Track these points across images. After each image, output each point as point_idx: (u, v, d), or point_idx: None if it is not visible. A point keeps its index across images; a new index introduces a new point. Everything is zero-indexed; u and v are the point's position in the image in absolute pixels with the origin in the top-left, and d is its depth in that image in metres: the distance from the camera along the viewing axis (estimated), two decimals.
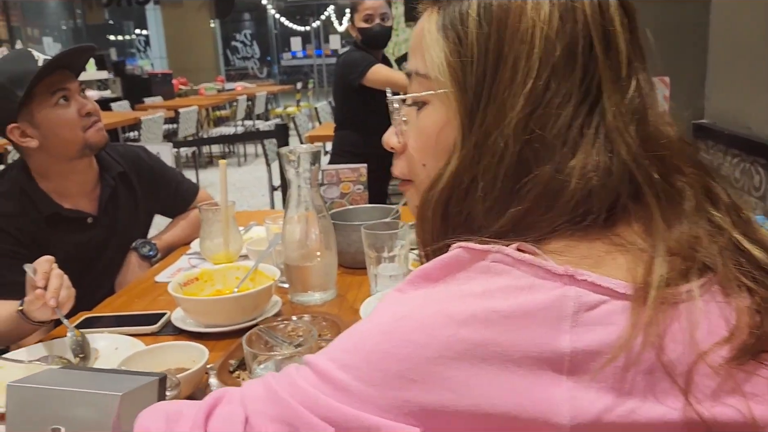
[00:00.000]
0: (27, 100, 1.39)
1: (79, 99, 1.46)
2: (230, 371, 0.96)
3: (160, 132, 6.01)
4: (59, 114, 1.42)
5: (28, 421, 0.62)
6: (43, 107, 1.41)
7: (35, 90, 1.39)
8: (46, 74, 1.39)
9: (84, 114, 1.45)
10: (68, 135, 1.44)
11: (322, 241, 1.26)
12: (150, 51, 14.50)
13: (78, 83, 1.48)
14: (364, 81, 2.73)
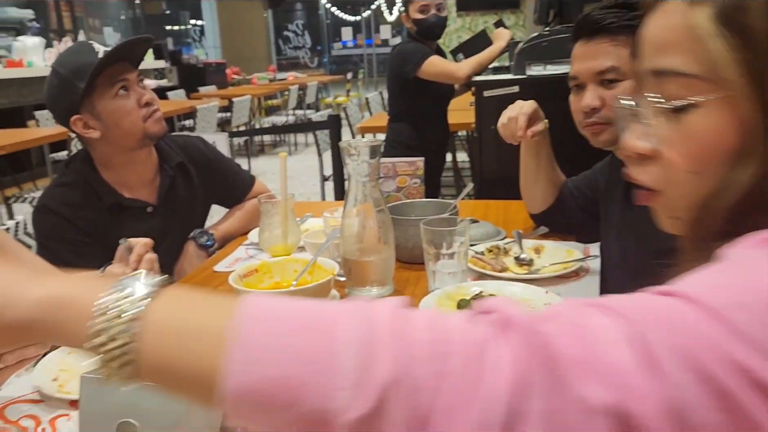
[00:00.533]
0: (88, 91, 1.42)
1: (137, 89, 1.48)
2: None
3: (215, 121, 6.13)
4: (119, 104, 1.45)
5: (100, 412, 0.63)
6: (104, 98, 1.44)
7: (96, 81, 1.42)
8: (107, 65, 1.42)
9: (143, 104, 1.48)
10: (128, 125, 1.47)
11: (381, 236, 1.25)
12: (205, 41, 14.78)
13: (137, 73, 1.50)
14: (419, 73, 2.71)
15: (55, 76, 1.45)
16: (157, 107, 1.52)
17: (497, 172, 2.18)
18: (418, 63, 2.71)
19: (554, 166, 1.55)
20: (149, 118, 1.49)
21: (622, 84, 1.21)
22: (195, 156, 1.69)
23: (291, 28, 15.26)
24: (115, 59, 1.44)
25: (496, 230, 1.57)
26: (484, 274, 1.31)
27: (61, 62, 1.46)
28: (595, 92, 1.24)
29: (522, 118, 1.40)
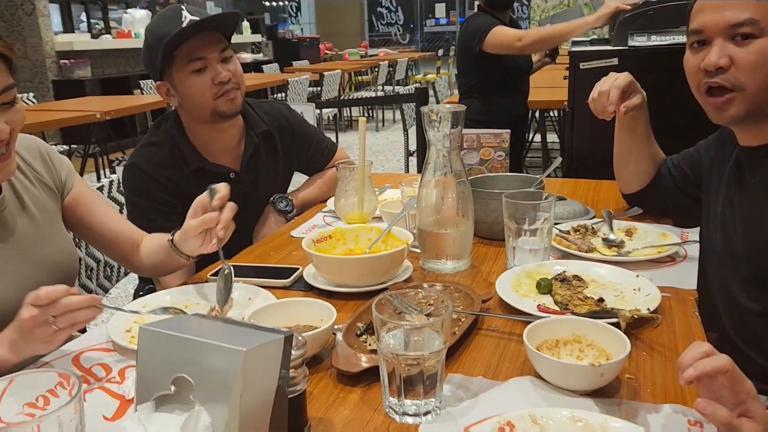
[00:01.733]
0: (167, 62, 1.42)
1: (216, 67, 1.44)
2: (357, 334, 0.92)
3: (305, 94, 6.21)
4: (193, 81, 1.43)
5: (157, 365, 0.62)
6: (180, 72, 1.43)
7: (174, 54, 1.41)
8: (182, 41, 1.39)
9: (217, 82, 1.44)
10: (199, 101, 1.45)
11: (460, 208, 1.19)
12: (300, 17, 15.00)
13: (220, 48, 1.45)
14: (484, 46, 2.59)
15: (145, 41, 1.47)
16: (233, 86, 1.47)
17: (590, 149, 2.04)
18: (483, 35, 2.58)
19: (652, 142, 1.42)
20: (221, 96, 1.45)
21: (757, 42, 1.02)
22: (280, 122, 1.68)
23: (384, 4, 15.17)
24: (198, 31, 1.41)
25: (584, 209, 1.47)
26: (569, 254, 1.22)
27: (150, 27, 1.47)
28: (723, 49, 1.05)
29: (614, 92, 1.28)
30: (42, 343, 0.84)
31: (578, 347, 0.84)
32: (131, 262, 1.28)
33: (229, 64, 1.48)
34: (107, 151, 4.89)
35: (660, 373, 0.82)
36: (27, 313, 0.82)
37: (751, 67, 1.03)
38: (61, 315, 0.82)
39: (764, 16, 1.02)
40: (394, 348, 0.74)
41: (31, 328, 0.82)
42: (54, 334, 0.83)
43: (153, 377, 0.62)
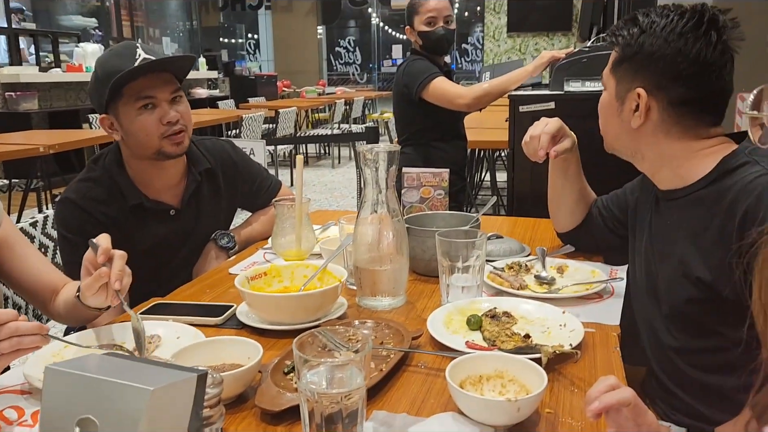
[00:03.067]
0: (114, 97, 1.41)
1: (164, 107, 1.44)
2: (284, 372, 0.92)
3: (260, 130, 6.21)
4: (140, 119, 1.42)
5: (62, 406, 0.60)
6: (127, 108, 1.42)
7: (123, 90, 1.41)
8: (133, 78, 1.39)
9: (165, 123, 1.44)
10: (144, 139, 1.44)
11: (395, 245, 1.20)
12: (259, 54, 15.08)
13: (171, 89, 1.46)
14: (425, 94, 2.45)
15: (94, 73, 1.46)
16: (180, 128, 1.46)
17: (530, 189, 2.10)
18: (424, 83, 2.43)
19: (583, 184, 1.48)
20: (167, 137, 1.45)
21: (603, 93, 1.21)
22: (223, 160, 1.68)
23: (343, 44, 15.41)
24: (149, 71, 1.41)
25: (520, 247, 1.50)
26: (501, 291, 1.25)
27: (101, 61, 1.46)
28: None
29: (544, 137, 1.34)
30: None
31: (501, 383, 0.85)
32: (49, 311, 1.24)
33: (178, 105, 1.47)
34: (51, 186, 4.77)
35: (578, 407, 0.84)
36: None
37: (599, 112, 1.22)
38: (7, 339, 0.80)
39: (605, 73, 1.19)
40: (315, 386, 0.74)
41: None
42: (2, 358, 0.80)
43: (58, 418, 0.60)
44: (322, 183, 6.97)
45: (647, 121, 1.13)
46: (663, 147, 1.15)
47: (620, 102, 1.15)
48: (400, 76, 2.57)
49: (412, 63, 2.54)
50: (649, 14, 1.15)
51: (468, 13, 14.00)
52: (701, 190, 1.13)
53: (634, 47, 1.12)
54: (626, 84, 1.14)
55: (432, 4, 2.49)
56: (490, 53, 12.57)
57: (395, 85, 2.62)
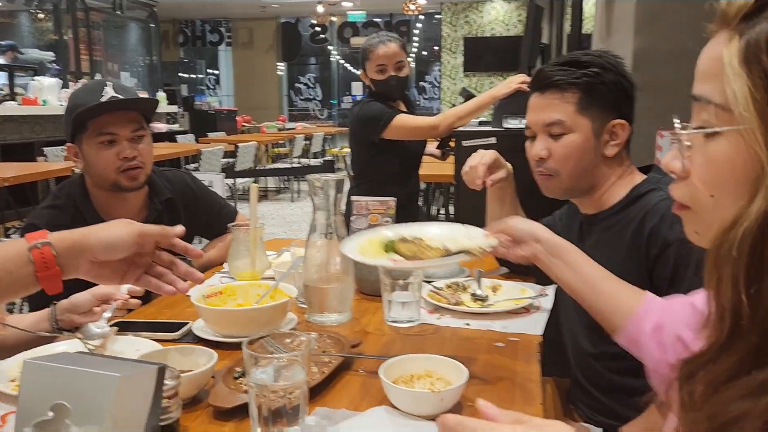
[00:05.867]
0: (79, 129, 1.52)
1: (123, 143, 1.55)
2: (234, 377, 1.01)
3: (219, 164, 6.28)
4: (100, 152, 1.55)
5: (38, 395, 0.69)
6: (89, 141, 1.54)
7: (87, 124, 1.52)
8: (97, 114, 1.51)
9: (122, 158, 1.55)
10: (102, 171, 1.56)
11: (341, 265, 1.31)
12: (219, 89, 15.19)
13: (133, 128, 1.57)
14: (386, 135, 2.44)
15: (67, 104, 1.57)
16: (137, 164, 1.57)
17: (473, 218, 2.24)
18: (384, 125, 2.42)
19: (518, 211, 1.63)
20: (123, 172, 1.56)
21: (567, 137, 1.28)
22: (183, 190, 1.78)
23: (303, 80, 15.66)
24: (113, 108, 1.52)
25: (460, 269, 1.63)
26: (440, 307, 1.37)
27: (74, 93, 1.59)
28: (543, 143, 1.31)
29: (481, 167, 1.48)
30: None
31: (430, 381, 0.96)
32: None
33: (139, 143, 1.58)
34: (4, 219, 4.72)
35: (498, 400, 0.95)
36: None
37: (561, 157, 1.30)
38: None
39: (569, 117, 1.27)
40: (262, 382, 0.84)
41: None
42: None
43: (33, 405, 0.69)
44: (280, 216, 7.05)
45: (618, 148, 1.28)
46: (612, 173, 1.30)
47: (597, 137, 1.27)
48: (356, 118, 2.55)
49: (366, 105, 2.53)
50: (589, 56, 1.31)
51: (426, 52, 14.45)
52: (617, 213, 1.29)
53: (603, 85, 1.25)
54: (602, 120, 1.26)
55: (381, 51, 2.47)
56: (447, 91, 13.00)
57: (350, 124, 2.63)
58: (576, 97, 1.26)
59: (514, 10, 12.32)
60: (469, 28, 12.65)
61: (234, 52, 14.71)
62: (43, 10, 9.31)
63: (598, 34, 2.59)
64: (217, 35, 14.80)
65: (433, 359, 0.98)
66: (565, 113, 1.27)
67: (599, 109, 1.26)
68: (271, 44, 14.48)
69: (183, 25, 14.76)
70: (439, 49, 13.05)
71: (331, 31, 14.57)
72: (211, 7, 13.11)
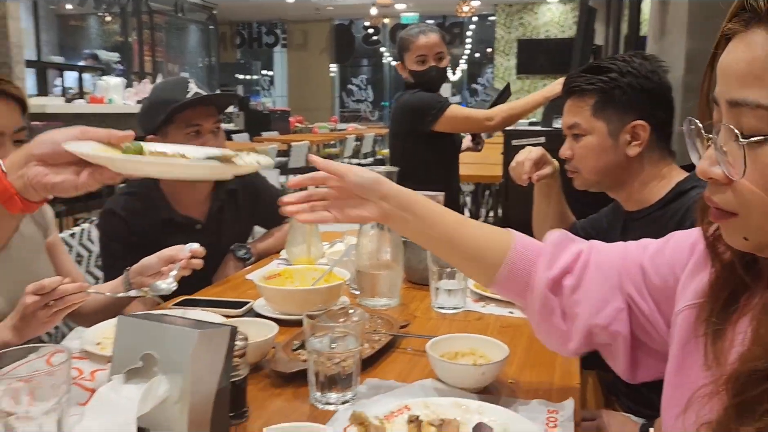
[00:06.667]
0: (167, 122, 1.65)
1: (207, 135, 1.69)
2: (293, 349, 1.10)
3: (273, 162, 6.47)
4: (186, 143, 1.66)
5: (130, 346, 0.80)
6: (176, 133, 1.67)
7: (175, 117, 1.65)
8: (186, 108, 1.64)
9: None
10: None
11: (391, 254, 1.40)
12: (273, 90, 15.54)
13: (214, 120, 1.71)
14: (439, 125, 2.40)
15: (148, 99, 1.70)
16: None
17: (522, 216, 2.29)
18: (438, 114, 2.38)
19: (564, 207, 1.68)
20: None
21: (585, 138, 1.37)
22: (245, 182, 1.90)
23: (355, 82, 15.86)
24: (199, 104, 1.66)
25: None
26: (485, 296, 1.43)
27: (157, 89, 1.72)
28: (567, 143, 1.42)
29: (527, 163, 1.55)
30: (42, 324, 1.02)
31: (473, 358, 1.03)
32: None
33: (217, 135, 1.72)
34: (74, 210, 5.01)
35: (537, 380, 1.02)
36: (30, 300, 0.99)
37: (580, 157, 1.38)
38: (59, 299, 0.99)
39: (584, 120, 1.36)
40: (320, 348, 0.92)
41: (34, 311, 0.99)
42: (53, 315, 1.00)
43: (126, 355, 0.79)
44: None
45: (641, 148, 1.32)
46: (644, 171, 1.35)
47: (614, 139, 1.34)
48: (403, 107, 2.50)
49: (416, 94, 2.47)
50: (614, 61, 1.37)
51: (479, 54, 14.42)
52: (659, 209, 1.34)
53: (619, 89, 1.32)
54: (618, 122, 1.33)
55: (422, 41, 2.44)
56: None
57: (397, 114, 2.55)
58: (592, 101, 1.35)
59: (569, 12, 12.18)
60: (524, 29, 12.57)
61: (288, 54, 15.04)
62: (111, 13, 9.77)
63: (652, 36, 2.59)
64: (273, 37, 15.17)
65: (476, 338, 1.05)
66: (581, 116, 1.36)
67: (616, 112, 1.32)
68: (325, 46, 14.74)
69: (240, 27, 15.18)
70: (492, 51, 13.02)
71: (384, 33, 14.72)
72: (267, 9, 13.44)
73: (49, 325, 1.04)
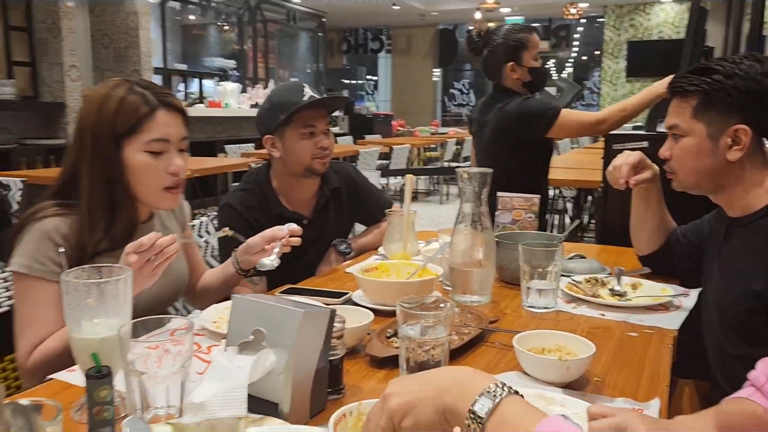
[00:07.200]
0: (285, 123, 1.79)
1: (320, 135, 1.82)
2: (387, 337, 1.18)
3: (374, 164, 6.64)
4: (300, 142, 1.81)
5: (243, 322, 0.90)
6: (293, 132, 1.81)
7: (293, 118, 1.79)
8: (303, 110, 1.78)
9: (319, 147, 1.82)
10: (299, 157, 1.82)
11: (484, 253, 1.44)
12: (377, 94, 15.87)
13: (327, 121, 1.84)
14: (553, 131, 2.37)
15: (267, 101, 1.86)
16: (328, 152, 1.85)
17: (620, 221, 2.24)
18: (551, 121, 2.35)
19: (664, 212, 1.64)
20: (317, 158, 1.83)
21: (683, 140, 1.33)
22: (348, 181, 2.02)
23: (457, 86, 15.87)
24: (315, 106, 1.79)
25: (600, 267, 1.68)
26: (576, 298, 1.44)
27: (275, 92, 1.88)
28: (667, 144, 1.39)
29: (625, 168, 1.53)
30: (147, 278, 1.14)
31: (559, 354, 1.06)
32: (191, 292, 1.60)
33: (329, 135, 1.85)
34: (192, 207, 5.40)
35: (623, 379, 1.03)
36: (133, 258, 1.11)
37: (678, 158, 1.36)
38: (159, 253, 1.12)
39: (684, 121, 1.33)
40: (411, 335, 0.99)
41: (139, 268, 1.11)
42: (156, 269, 1.13)
43: (239, 330, 0.90)
44: (429, 216, 7.26)
45: (742, 153, 1.29)
46: (746, 176, 1.31)
47: (713, 141, 1.30)
48: (512, 115, 2.42)
49: (526, 102, 2.43)
50: (721, 63, 1.33)
51: (586, 57, 13.98)
52: (764, 217, 1.29)
53: (723, 91, 1.28)
54: (720, 124, 1.29)
55: (536, 39, 2.50)
56: (606, 97, 12.50)
57: (504, 121, 2.45)
58: (693, 102, 1.31)
59: (685, 12, 11.54)
60: (634, 31, 12.06)
61: (393, 59, 15.30)
62: (229, 23, 10.40)
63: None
64: (378, 43, 15.49)
65: (563, 335, 1.08)
66: (682, 117, 1.33)
67: (718, 114, 1.28)
68: (428, 51, 14.85)
69: (347, 33, 15.63)
70: (600, 53, 12.58)
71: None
72: (374, 16, 13.75)
73: (153, 279, 1.15)
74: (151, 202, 1.34)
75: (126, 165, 1.26)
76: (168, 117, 1.27)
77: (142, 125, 1.24)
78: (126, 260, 1.12)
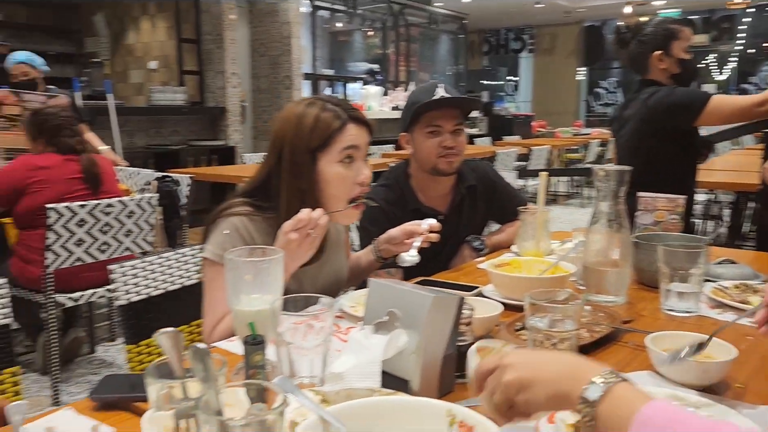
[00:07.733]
0: (414, 121, 1.87)
1: (445, 135, 1.87)
2: (515, 329, 1.20)
3: (512, 166, 6.56)
4: (425, 141, 1.88)
5: (379, 304, 0.98)
6: (419, 131, 1.89)
7: (421, 117, 1.86)
8: (428, 109, 1.85)
9: (442, 146, 1.87)
10: (425, 155, 1.90)
11: (620, 253, 1.41)
12: (517, 95, 15.59)
13: (455, 122, 1.88)
14: (701, 119, 2.24)
15: (407, 101, 1.96)
16: (454, 152, 1.88)
17: None
18: (701, 107, 2.23)
19: None
20: (442, 157, 1.88)
21: None
22: (484, 179, 2.05)
23: (603, 85, 15.14)
24: (441, 105, 1.85)
25: (753, 273, 1.57)
26: (722, 303, 1.36)
27: (413, 92, 1.99)
28: None
29: None
30: (307, 252, 1.26)
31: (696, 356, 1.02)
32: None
33: (458, 135, 1.89)
34: None
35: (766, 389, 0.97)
36: (293, 236, 1.23)
37: None
38: (314, 227, 1.24)
39: None
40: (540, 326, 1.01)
41: (299, 244, 1.23)
42: (314, 241, 1.24)
43: (375, 311, 0.97)
44: (568, 220, 7.02)
45: None
46: None
47: None
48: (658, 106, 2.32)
49: (672, 91, 2.32)
50: None
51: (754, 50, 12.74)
52: None
53: None
54: None
55: (689, 32, 2.40)
56: None
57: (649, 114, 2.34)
58: None
59: None
60: None
61: (535, 58, 14.95)
62: (373, 28, 10.77)
63: None
64: (520, 43, 15.21)
65: (702, 338, 1.04)
66: None
67: None
68: (572, 49, 14.33)
69: (488, 34, 15.51)
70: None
71: None
72: (516, 15, 13.53)
73: (312, 252, 1.27)
74: (335, 216, 1.41)
75: (320, 177, 1.38)
76: (356, 129, 1.39)
77: (335, 137, 1.36)
78: (287, 238, 1.24)
